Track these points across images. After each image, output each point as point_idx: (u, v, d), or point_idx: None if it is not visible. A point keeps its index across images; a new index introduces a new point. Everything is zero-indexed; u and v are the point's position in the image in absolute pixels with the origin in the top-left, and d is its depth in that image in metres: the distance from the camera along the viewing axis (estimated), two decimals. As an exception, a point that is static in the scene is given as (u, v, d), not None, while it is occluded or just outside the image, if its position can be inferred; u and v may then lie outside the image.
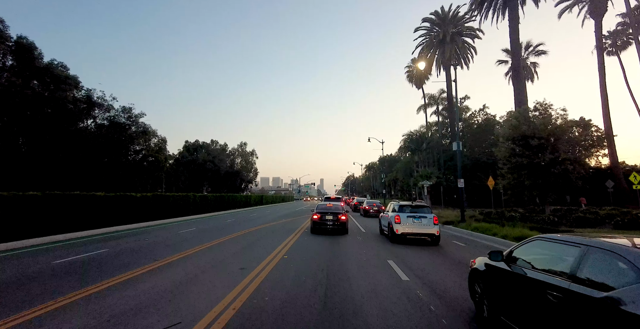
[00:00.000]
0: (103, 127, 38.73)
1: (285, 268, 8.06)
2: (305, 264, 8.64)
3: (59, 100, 27.02)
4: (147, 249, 10.77)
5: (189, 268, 7.98)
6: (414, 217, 12.96)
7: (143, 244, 11.97)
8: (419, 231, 12.83)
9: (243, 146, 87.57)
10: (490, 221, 17.97)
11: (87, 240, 13.22)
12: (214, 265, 8.44)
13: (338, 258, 9.52)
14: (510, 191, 20.97)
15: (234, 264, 8.55)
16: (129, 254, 9.89)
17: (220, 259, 9.18)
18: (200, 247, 11.24)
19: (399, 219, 13.03)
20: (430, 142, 48.22)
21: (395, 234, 12.92)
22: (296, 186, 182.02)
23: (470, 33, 39.52)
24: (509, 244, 11.76)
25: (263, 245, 11.95)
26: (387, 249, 11.49)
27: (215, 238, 13.51)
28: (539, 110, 20.82)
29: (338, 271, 7.92)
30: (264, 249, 10.85)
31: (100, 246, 11.42)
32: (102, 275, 7.25)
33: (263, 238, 13.92)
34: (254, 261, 8.90)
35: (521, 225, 14.54)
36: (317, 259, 9.25)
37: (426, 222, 12.82)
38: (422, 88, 54.59)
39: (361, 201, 38.79)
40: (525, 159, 19.37)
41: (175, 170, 69.88)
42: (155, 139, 53.04)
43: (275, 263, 8.62)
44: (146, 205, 21.88)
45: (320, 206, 17.71)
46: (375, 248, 11.55)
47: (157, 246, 11.53)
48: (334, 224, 15.30)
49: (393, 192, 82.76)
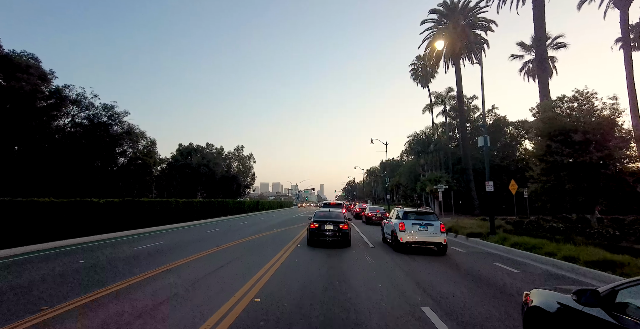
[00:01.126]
0: (81, 127, 35.41)
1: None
2: (287, 319, 5.18)
3: (15, 91, 23.48)
4: (35, 287, 7.31)
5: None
6: (419, 224, 12.15)
7: (36, 277, 8.49)
8: (425, 240, 12.00)
9: (240, 149, 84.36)
10: (525, 233, 14.52)
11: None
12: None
13: (342, 303, 6.05)
14: (546, 197, 17.51)
15: (159, 320, 5.08)
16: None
17: (140, 311, 5.70)
18: (132, 281, 7.65)
19: (403, 226, 12.20)
20: (437, 143, 44.84)
21: (399, 242, 12.13)
22: (296, 192, 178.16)
23: (482, 24, 36.40)
24: (581, 273, 8.27)
25: (234, 272, 8.47)
26: (413, 279, 8.01)
27: (174, 260, 10.02)
28: (578, 100, 17.46)
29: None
30: (232, 282, 7.37)
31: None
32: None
33: (240, 258, 10.46)
34: (206, 309, 5.44)
35: (581, 241, 11.05)
36: (306, 306, 5.79)
37: (432, 230, 11.99)
38: (427, 87, 51.39)
39: (363, 208, 35.31)
40: (566, 158, 15.95)
41: (168, 175, 66.62)
42: (144, 141, 49.91)
43: (238, 314, 5.16)
44: (112, 213, 18.43)
45: (319, 213, 14.84)
46: (395, 276, 8.08)
47: (61, 280, 8.05)
48: (335, 235, 13.12)
49: (395, 198, 79.07)
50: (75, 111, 35.40)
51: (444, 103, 49.68)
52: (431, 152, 44.20)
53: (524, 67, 38.53)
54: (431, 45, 39.54)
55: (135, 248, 12.70)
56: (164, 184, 66.99)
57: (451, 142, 50.89)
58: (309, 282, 7.42)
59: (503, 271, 9.05)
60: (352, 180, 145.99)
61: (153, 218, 23.07)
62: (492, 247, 13.39)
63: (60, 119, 34.09)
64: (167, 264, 9.27)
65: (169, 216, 25.65)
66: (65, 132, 34.60)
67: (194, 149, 73.27)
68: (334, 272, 8.53)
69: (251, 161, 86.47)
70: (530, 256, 10.78)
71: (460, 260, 10.80)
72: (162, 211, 24.76)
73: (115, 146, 39.07)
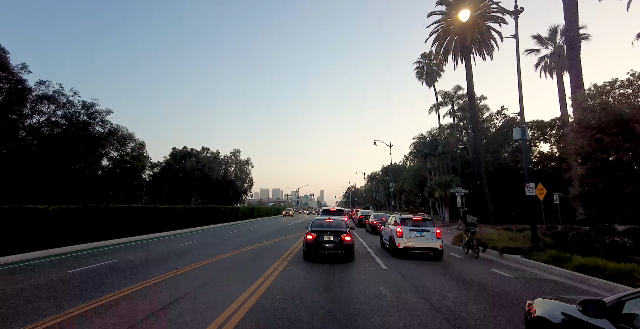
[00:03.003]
0: (58, 126, 32.23)
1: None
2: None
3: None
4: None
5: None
6: (416, 230, 12.49)
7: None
8: (422, 246, 12.34)
9: (236, 153, 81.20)
10: (577, 249, 11.26)
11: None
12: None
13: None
14: (596, 203, 14.23)
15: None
16: None
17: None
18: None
19: (401, 232, 12.53)
20: (446, 145, 41.65)
21: (397, 248, 12.46)
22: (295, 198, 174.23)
23: (496, 16, 33.46)
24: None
25: (195, 310, 5.20)
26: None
27: (107, 292, 6.75)
28: (634, 85, 14.31)
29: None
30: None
31: None
32: None
33: (205, 287, 7.18)
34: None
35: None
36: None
37: (429, 236, 12.33)
38: (433, 86, 48.40)
39: (367, 214, 31.97)
40: (624, 155, 12.74)
41: (160, 180, 63.43)
42: (133, 143, 46.84)
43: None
44: (66, 223, 15.18)
45: (317, 222, 12.59)
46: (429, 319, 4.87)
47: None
48: (336, 248, 11.24)
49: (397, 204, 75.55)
50: (52, 109, 32.32)
51: (452, 103, 46.59)
52: (439, 154, 40.99)
53: (540, 62, 35.56)
54: (439, 39, 36.59)
55: (67, 271, 9.43)
56: (155, 190, 63.80)
57: (459, 145, 47.73)
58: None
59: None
60: (352, 186, 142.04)
61: (125, 227, 19.82)
62: (545, 270, 10.09)
63: (33, 117, 30.94)
64: (111, 293, 6.02)
65: (146, 224, 22.37)
66: (40, 132, 31.48)
67: (188, 153, 70.13)
68: (336, 308, 5.28)
69: (249, 165, 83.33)
70: (611, 287, 7.52)
71: (523, 294, 7.51)
72: (138, 219, 21.50)
73: (97, 147, 35.86)
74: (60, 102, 32.07)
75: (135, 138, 45.76)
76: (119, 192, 45.18)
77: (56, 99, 31.92)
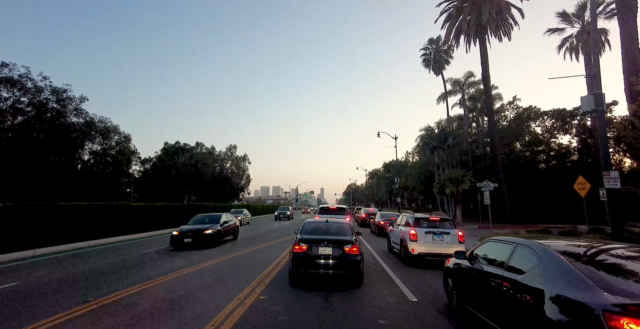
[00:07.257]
0: (22, 114, 28.72)
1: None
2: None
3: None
4: None
5: None
6: (433, 233, 10.38)
7: None
8: (441, 251, 9.98)
9: (232, 149, 77.49)
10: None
11: None
12: None
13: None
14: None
15: None
16: None
17: None
18: None
19: (415, 235, 10.35)
20: (456, 137, 38.02)
21: (410, 254, 10.22)
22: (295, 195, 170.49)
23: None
24: None
25: None
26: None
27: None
28: None
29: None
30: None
31: None
32: None
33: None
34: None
35: None
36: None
37: (449, 240, 10.26)
38: (441, 74, 44.72)
39: (371, 213, 28.45)
40: None
41: (151, 176, 59.89)
42: (117, 136, 43.15)
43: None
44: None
45: (310, 226, 9.04)
46: None
47: None
48: (337, 266, 7.48)
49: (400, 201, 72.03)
50: (16, 95, 28.77)
51: (462, 91, 42.90)
52: (449, 147, 37.37)
53: (564, 43, 31.86)
54: (451, 18, 32.90)
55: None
56: (145, 187, 60.32)
57: (469, 138, 44.13)
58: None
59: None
60: (353, 183, 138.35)
61: (82, 230, 16.38)
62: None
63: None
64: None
65: (116, 224, 18.93)
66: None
67: (181, 148, 66.50)
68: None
69: (245, 161, 79.65)
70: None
71: None
72: (104, 219, 18.07)
73: (71, 139, 32.28)
74: (25, 87, 28.52)
75: (120, 130, 42.12)
76: (101, 188, 41.71)
77: (22, 84, 28.39)
